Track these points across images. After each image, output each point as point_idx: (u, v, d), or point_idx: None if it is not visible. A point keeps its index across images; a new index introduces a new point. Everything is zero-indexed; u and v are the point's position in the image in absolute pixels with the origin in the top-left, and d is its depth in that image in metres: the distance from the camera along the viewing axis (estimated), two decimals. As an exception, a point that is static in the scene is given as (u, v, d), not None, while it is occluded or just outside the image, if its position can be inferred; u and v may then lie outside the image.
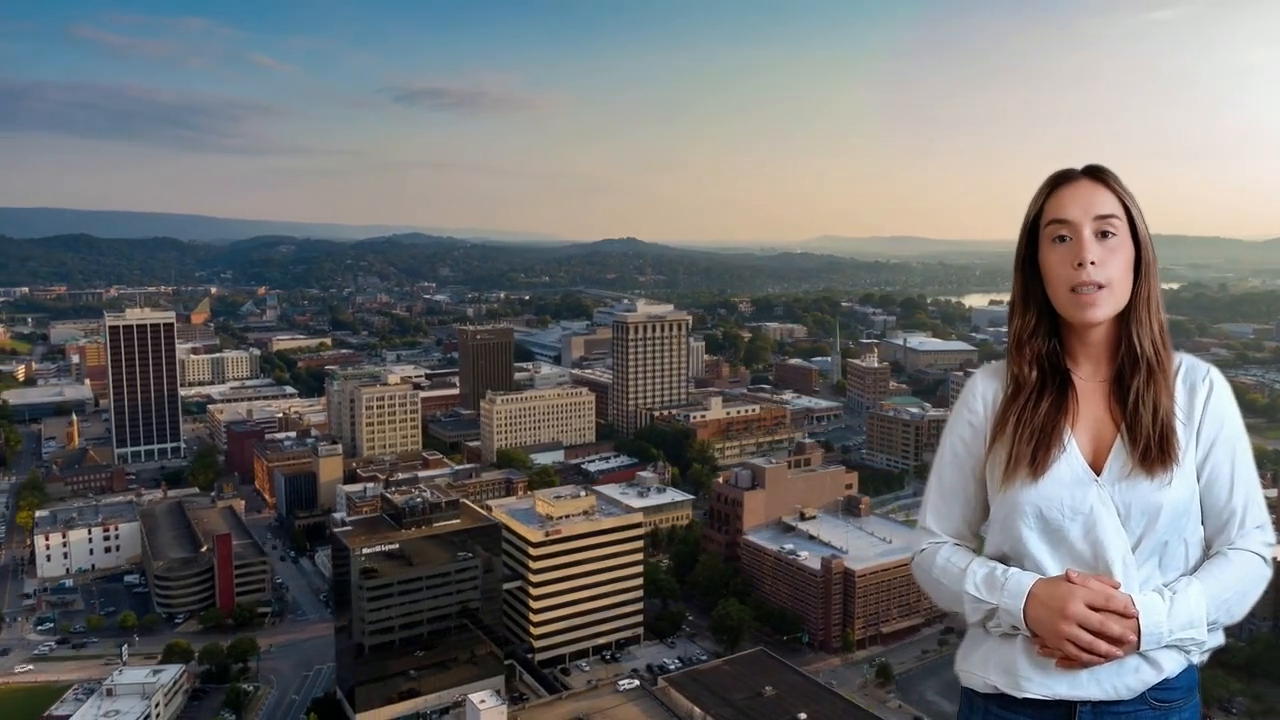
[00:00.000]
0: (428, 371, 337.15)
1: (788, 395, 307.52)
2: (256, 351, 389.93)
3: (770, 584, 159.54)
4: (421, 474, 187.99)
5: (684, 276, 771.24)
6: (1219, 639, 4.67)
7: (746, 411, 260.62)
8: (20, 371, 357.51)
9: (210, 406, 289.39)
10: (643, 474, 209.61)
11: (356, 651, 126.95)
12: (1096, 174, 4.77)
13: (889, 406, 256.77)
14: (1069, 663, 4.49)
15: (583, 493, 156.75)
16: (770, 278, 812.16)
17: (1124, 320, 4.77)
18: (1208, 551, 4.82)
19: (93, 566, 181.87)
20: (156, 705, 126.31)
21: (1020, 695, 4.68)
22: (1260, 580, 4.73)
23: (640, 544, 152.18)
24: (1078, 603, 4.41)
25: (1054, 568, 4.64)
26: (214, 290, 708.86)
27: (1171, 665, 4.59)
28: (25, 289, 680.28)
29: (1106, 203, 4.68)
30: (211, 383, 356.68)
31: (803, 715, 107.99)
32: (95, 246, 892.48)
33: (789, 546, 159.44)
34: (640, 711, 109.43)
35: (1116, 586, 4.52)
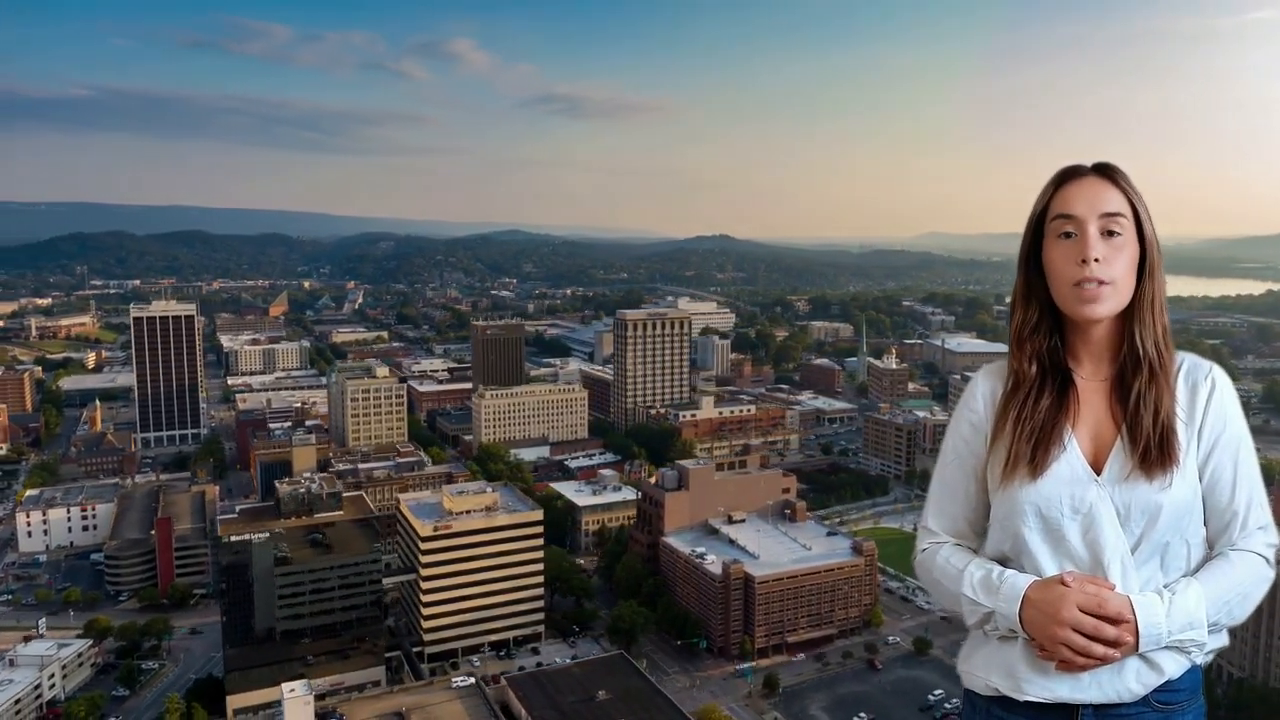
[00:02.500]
0: (454, 365, 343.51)
1: (805, 396, 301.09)
2: (307, 344, 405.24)
3: (682, 587, 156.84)
4: (366, 465, 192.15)
5: (764, 273, 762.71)
6: (1222, 640, 4.62)
7: (741, 412, 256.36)
8: (90, 359, 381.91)
9: (238, 395, 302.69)
10: (604, 472, 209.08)
11: (234, 635, 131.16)
12: (1105, 171, 4.75)
13: (887, 409, 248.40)
14: (1067, 665, 4.44)
15: (489, 489, 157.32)
16: (854, 275, 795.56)
17: (1127, 320, 4.75)
18: (1210, 552, 4.78)
19: (71, 544, 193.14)
20: (51, 677, 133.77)
21: (1021, 698, 4.65)
22: (1262, 581, 4.67)
23: (540, 542, 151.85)
24: (1071, 607, 4.37)
25: (1053, 568, 4.63)
26: (307, 284, 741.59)
27: (1173, 667, 4.54)
28: (137, 281, 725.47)
29: (1114, 201, 4.65)
30: (262, 372, 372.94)
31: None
32: (209, 242, 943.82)
33: (700, 550, 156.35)
34: (462, 710, 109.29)
35: (1112, 588, 4.47)
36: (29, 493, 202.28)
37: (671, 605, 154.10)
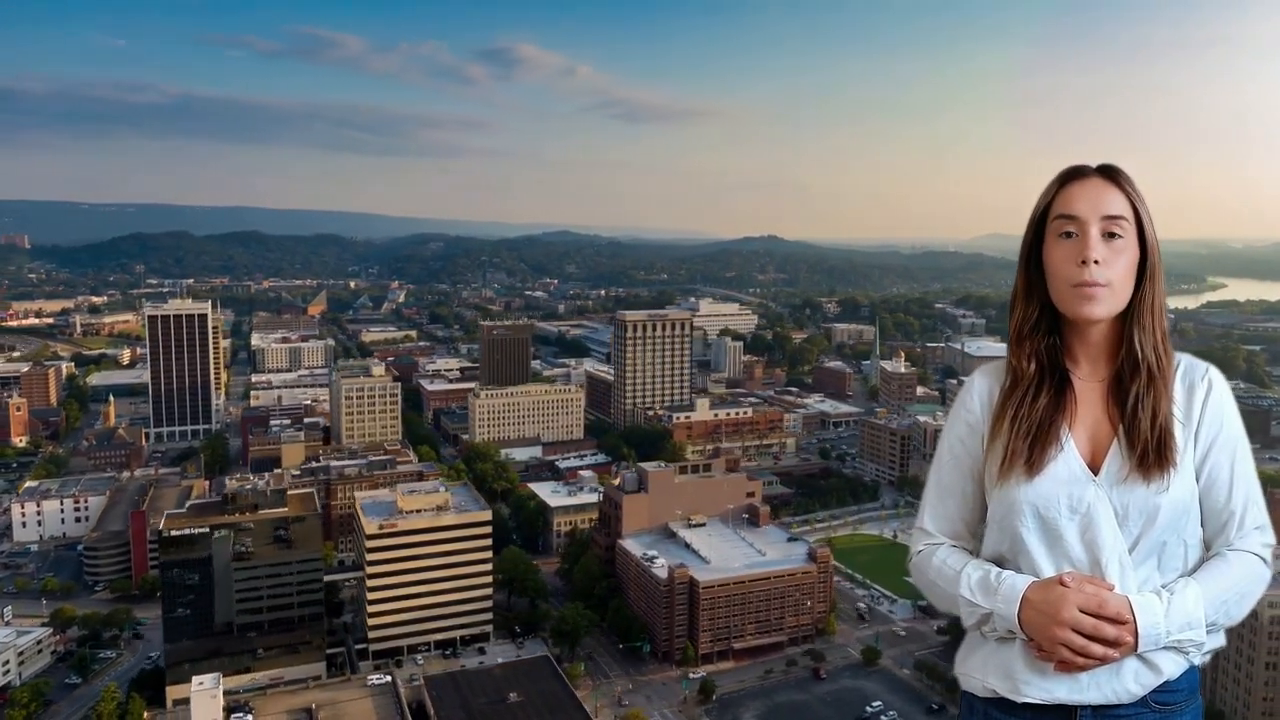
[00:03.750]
0: (466, 365, 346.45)
1: (813, 399, 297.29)
2: (332, 342, 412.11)
3: (633, 591, 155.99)
4: (339, 463, 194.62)
5: (805, 275, 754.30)
6: (1219, 640, 4.65)
7: (737, 414, 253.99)
8: (125, 355, 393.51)
9: (252, 392, 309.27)
10: (583, 473, 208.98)
11: (175, 628, 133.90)
12: (1110, 174, 4.77)
13: (884, 413, 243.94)
14: (1066, 666, 4.49)
15: (441, 488, 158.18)
16: (900, 276, 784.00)
17: (1126, 324, 4.77)
18: (1207, 552, 4.82)
19: (64, 535, 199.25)
20: (6, 663, 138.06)
21: (1019, 699, 4.68)
22: (1260, 581, 4.72)
23: (488, 542, 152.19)
24: (1071, 608, 4.40)
25: (1050, 568, 4.65)
26: (353, 284, 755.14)
27: (1171, 668, 4.58)
28: (190, 280, 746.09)
29: (1116, 203, 4.67)
30: (287, 370, 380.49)
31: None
32: (264, 242, 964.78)
33: (652, 553, 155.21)
34: (371, 708, 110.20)
35: (1111, 588, 4.52)
36: (28, 484, 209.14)
37: (622, 608, 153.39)
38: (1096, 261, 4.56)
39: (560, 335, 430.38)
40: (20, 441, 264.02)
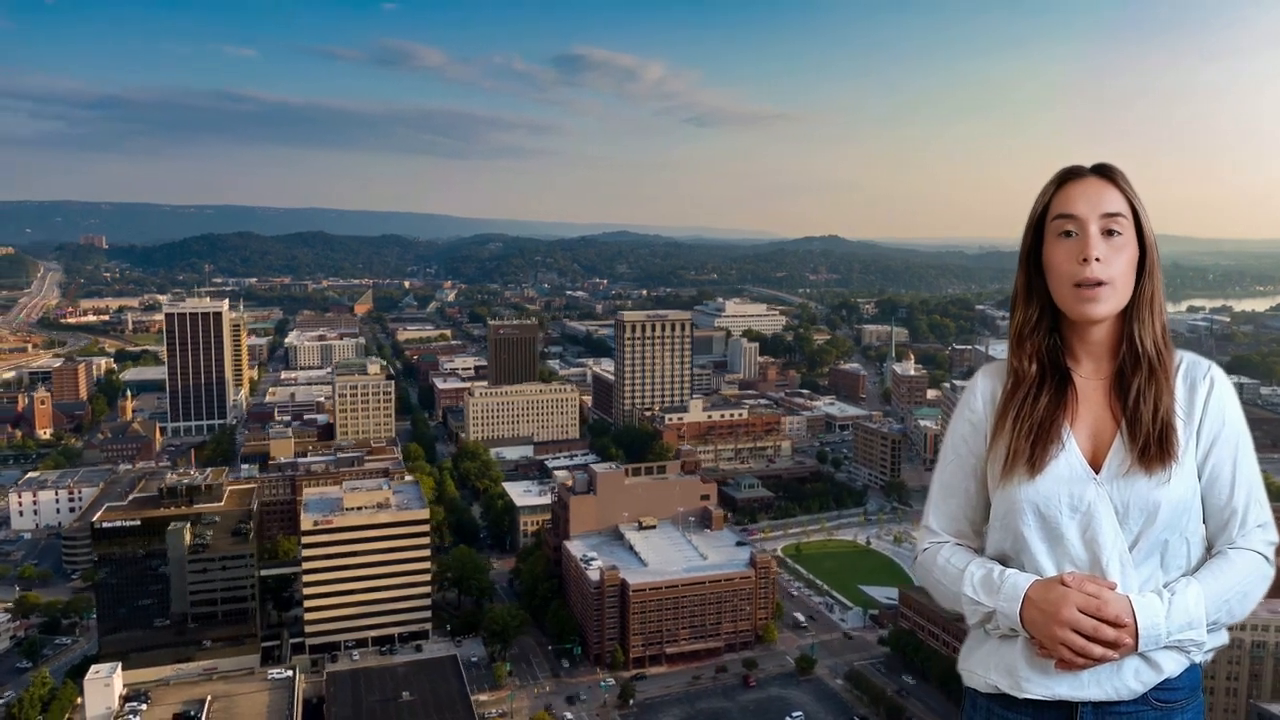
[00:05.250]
0: (479, 364, 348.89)
1: (823, 401, 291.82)
2: (363, 340, 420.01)
3: (572, 592, 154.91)
4: (307, 460, 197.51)
5: (858, 275, 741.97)
6: (1221, 639, 4.70)
7: (732, 416, 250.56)
8: (164, 352, 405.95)
9: (271, 388, 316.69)
10: (559, 474, 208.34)
11: (107, 619, 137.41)
12: (1105, 172, 4.84)
13: (879, 418, 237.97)
14: (1066, 665, 4.54)
15: (385, 485, 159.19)
16: (959, 277, 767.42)
17: (1125, 319, 4.83)
18: (1210, 550, 4.85)
19: (59, 524, 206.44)
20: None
21: (1021, 696, 4.74)
22: (1262, 579, 4.77)
23: (426, 540, 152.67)
24: (1070, 608, 4.45)
25: (1051, 567, 4.70)
26: (408, 283, 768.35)
27: (1172, 666, 4.60)
28: (253, 280, 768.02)
29: (1114, 201, 4.74)
30: (319, 367, 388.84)
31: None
32: (329, 242, 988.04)
33: (591, 555, 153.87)
34: (265, 701, 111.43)
35: (1113, 587, 4.55)
36: (30, 475, 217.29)
37: (561, 610, 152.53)
38: (1098, 259, 4.60)
39: (588, 335, 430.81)
40: (45, 434, 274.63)
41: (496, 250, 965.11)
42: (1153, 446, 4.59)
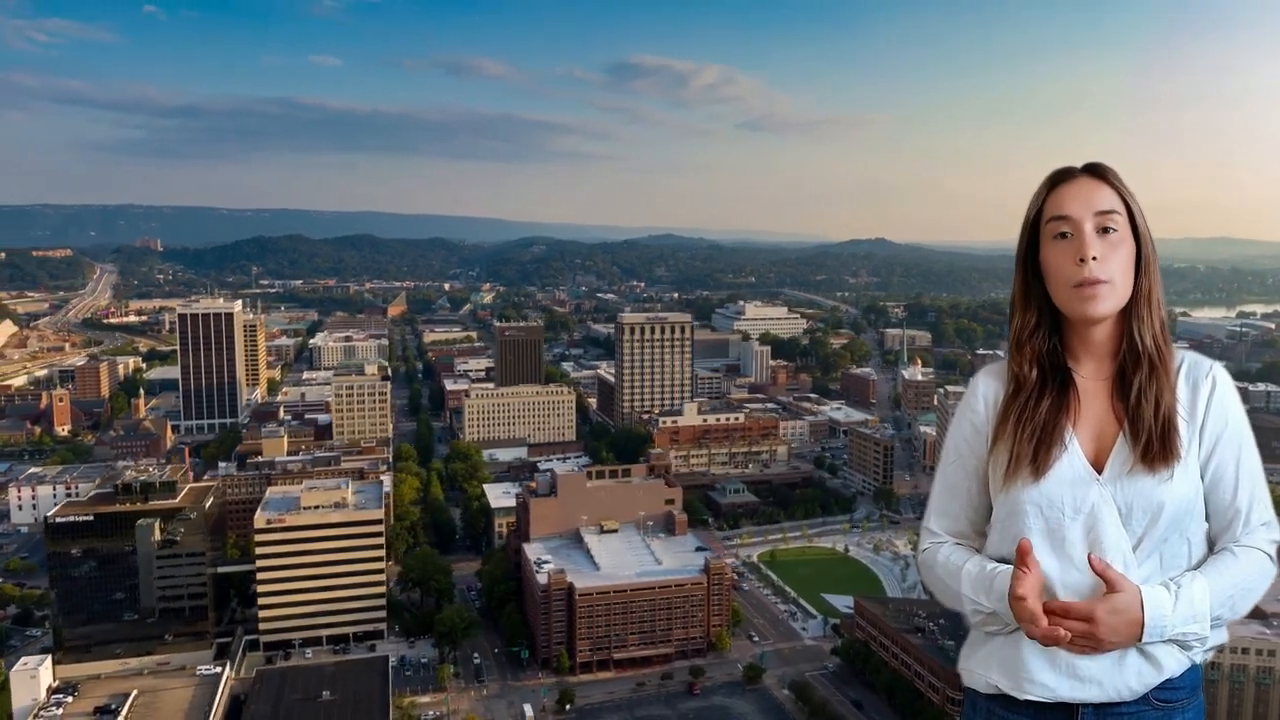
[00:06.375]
0: (490, 365, 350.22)
1: (831, 405, 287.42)
2: (386, 342, 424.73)
3: (526, 595, 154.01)
4: (285, 459, 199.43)
5: (899, 278, 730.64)
6: (1222, 636, 4.66)
7: (728, 419, 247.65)
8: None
9: (283, 388, 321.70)
10: (543, 476, 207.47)
11: (63, 612, 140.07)
12: (1096, 171, 4.81)
13: (874, 423, 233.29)
14: (1080, 649, 4.44)
15: (344, 484, 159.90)
16: (1001, 280, 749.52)
17: (1125, 317, 4.80)
18: (1211, 550, 4.82)
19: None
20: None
21: (1021, 696, 4.71)
22: (1266, 577, 4.75)
23: (380, 541, 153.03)
24: (1020, 584, 4.40)
25: (1054, 568, 4.64)
26: (448, 286, 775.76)
27: (1173, 665, 4.59)
28: (299, 282, 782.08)
29: (1107, 199, 4.70)
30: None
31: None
32: (375, 245, 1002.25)
33: (545, 558, 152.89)
34: (188, 697, 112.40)
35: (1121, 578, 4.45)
36: (30, 470, 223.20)
37: (514, 613, 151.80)
38: (1095, 258, 4.55)
39: (608, 337, 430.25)
40: (63, 431, 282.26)
41: (539, 253, 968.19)
42: (1155, 444, 4.54)
